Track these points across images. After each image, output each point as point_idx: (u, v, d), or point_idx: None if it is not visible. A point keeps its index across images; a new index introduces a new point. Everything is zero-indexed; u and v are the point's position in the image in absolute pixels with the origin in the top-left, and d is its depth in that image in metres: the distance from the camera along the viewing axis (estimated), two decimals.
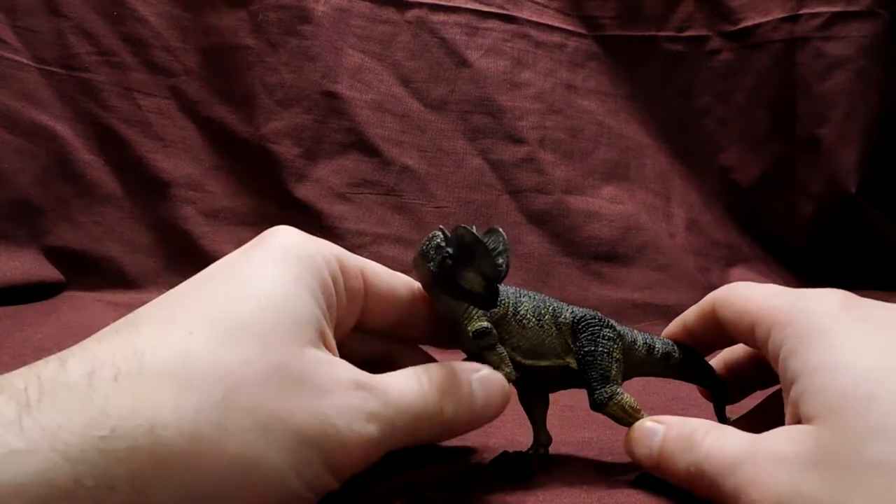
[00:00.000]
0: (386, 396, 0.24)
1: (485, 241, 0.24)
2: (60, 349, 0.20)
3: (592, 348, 0.28)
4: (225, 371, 0.20)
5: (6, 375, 0.19)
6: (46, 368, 0.19)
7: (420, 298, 0.28)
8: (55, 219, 0.60)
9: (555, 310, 0.28)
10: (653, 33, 0.69)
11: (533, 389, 0.29)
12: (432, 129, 0.64)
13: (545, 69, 0.67)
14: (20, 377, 0.19)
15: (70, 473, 0.17)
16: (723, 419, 0.32)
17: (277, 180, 0.62)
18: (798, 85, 0.67)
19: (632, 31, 0.69)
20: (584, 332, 0.28)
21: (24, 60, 0.60)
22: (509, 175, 0.64)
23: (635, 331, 0.30)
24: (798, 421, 0.22)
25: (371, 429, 0.23)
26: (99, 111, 0.61)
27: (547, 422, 0.30)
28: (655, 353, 0.30)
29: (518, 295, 0.28)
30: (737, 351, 0.32)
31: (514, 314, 0.27)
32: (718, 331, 0.29)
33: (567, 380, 0.28)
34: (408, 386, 0.25)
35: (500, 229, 0.25)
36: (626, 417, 0.28)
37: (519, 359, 0.27)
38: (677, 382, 0.33)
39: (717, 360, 0.32)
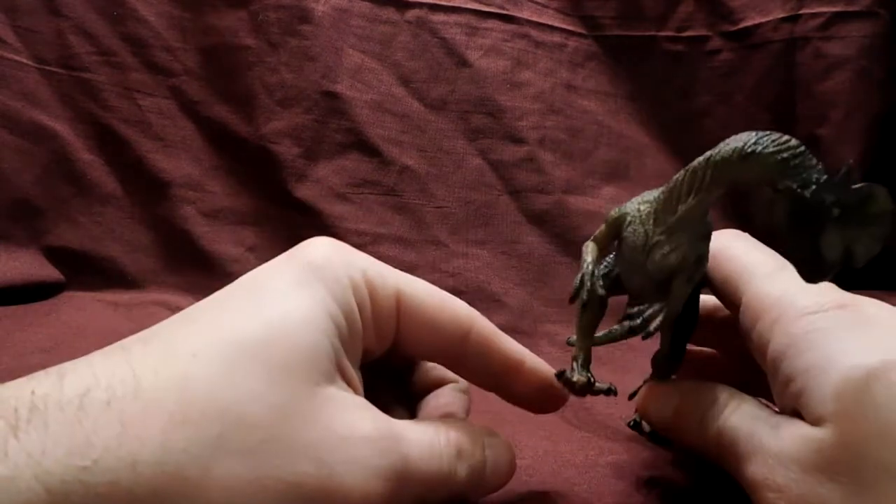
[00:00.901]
0: (405, 452, 0.21)
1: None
2: (60, 349, 0.20)
3: None
4: (224, 406, 0.19)
5: (3, 386, 0.18)
6: (42, 384, 0.18)
7: (476, 345, 0.25)
8: (55, 219, 0.60)
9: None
10: (653, 33, 0.69)
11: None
12: (432, 129, 0.64)
13: (545, 69, 0.67)
14: (14, 392, 0.18)
15: None
16: None
17: (277, 180, 0.62)
18: (798, 85, 0.67)
19: (632, 31, 0.69)
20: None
21: (24, 60, 0.60)
22: (509, 175, 0.64)
23: None
24: (797, 416, 0.22)
25: (380, 487, 0.20)
26: (99, 111, 0.61)
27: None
28: None
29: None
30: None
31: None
32: None
33: None
34: (429, 442, 0.23)
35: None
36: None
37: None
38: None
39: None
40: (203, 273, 0.61)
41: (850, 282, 0.25)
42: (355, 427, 0.21)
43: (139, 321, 0.54)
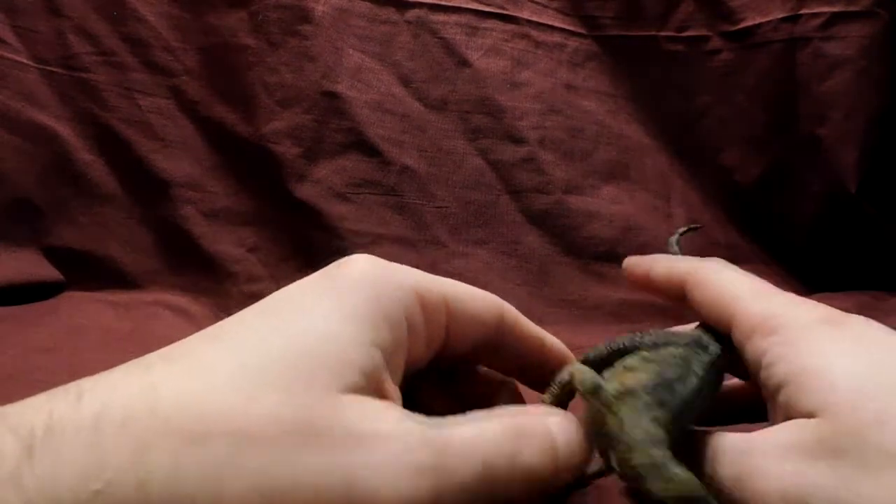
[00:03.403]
0: (444, 442, 0.19)
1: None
2: (60, 349, 0.20)
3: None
4: (237, 423, 0.18)
5: (23, 404, 0.18)
6: (60, 404, 0.18)
7: (507, 328, 0.26)
8: (55, 219, 0.60)
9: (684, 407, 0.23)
10: (653, 33, 0.69)
11: None
12: (432, 129, 0.64)
13: (545, 69, 0.67)
14: (33, 412, 0.18)
15: None
16: None
17: (277, 180, 0.62)
18: (798, 85, 0.67)
19: (632, 31, 0.69)
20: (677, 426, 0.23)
21: (24, 60, 0.60)
22: (509, 175, 0.64)
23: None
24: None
25: (421, 484, 0.18)
26: (99, 111, 0.61)
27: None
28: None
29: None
30: None
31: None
32: (681, 297, 0.28)
33: None
34: (475, 425, 0.20)
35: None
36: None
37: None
38: None
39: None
40: (203, 273, 0.61)
41: (851, 282, 0.25)
42: (380, 428, 0.19)
43: (139, 321, 0.54)
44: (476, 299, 0.25)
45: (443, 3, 0.65)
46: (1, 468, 0.16)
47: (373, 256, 0.23)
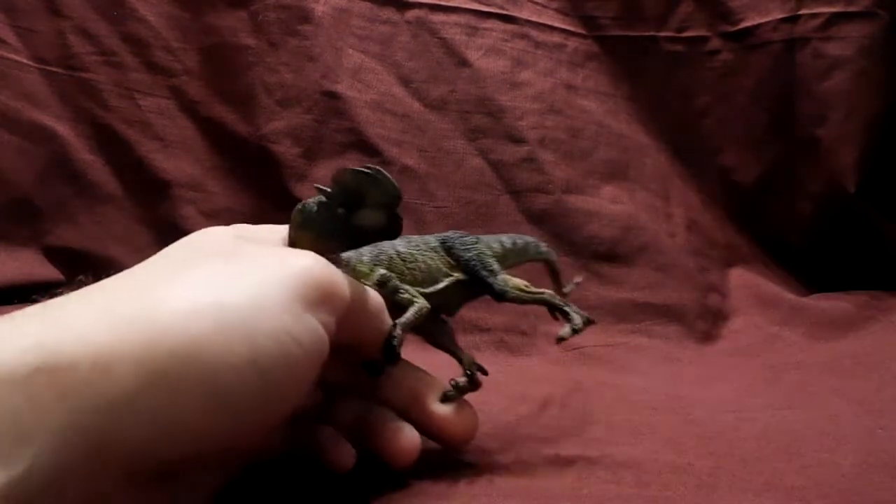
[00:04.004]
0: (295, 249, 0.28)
1: (367, 173, 0.26)
2: None
3: (470, 254, 0.32)
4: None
5: None
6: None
7: None
8: (55, 219, 0.60)
9: (422, 240, 0.33)
10: (653, 33, 0.69)
11: (434, 324, 0.32)
12: (432, 129, 0.64)
13: (545, 69, 0.67)
14: None
15: None
16: (561, 291, 0.38)
17: (277, 180, 0.62)
18: (798, 85, 0.67)
19: (632, 31, 0.69)
20: (454, 245, 0.32)
21: (24, 60, 0.60)
22: (509, 175, 0.64)
23: (480, 235, 0.34)
24: None
25: (310, 263, 0.26)
26: (99, 111, 0.61)
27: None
28: (506, 245, 0.35)
29: (391, 241, 0.32)
30: None
31: (397, 255, 0.32)
32: None
33: (463, 294, 0.32)
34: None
35: (370, 165, 0.27)
36: (527, 295, 0.32)
37: (422, 290, 0.30)
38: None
39: None
40: None
41: (851, 283, 0.25)
42: (277, 247, 0.29)
43: None
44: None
45: (443, 3, 0.65)
46: None
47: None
